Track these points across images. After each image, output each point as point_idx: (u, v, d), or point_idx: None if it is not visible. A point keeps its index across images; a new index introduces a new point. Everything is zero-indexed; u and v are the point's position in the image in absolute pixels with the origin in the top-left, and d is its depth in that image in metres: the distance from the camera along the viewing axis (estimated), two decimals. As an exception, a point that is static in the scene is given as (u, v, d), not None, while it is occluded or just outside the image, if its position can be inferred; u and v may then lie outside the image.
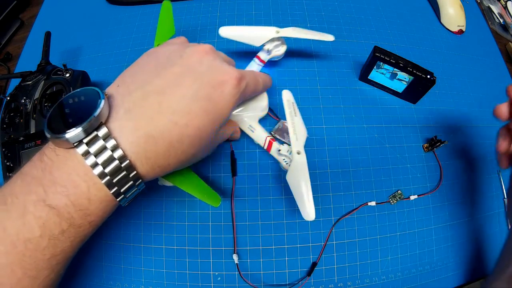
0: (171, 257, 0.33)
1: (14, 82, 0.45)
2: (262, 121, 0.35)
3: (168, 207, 0.34)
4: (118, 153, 0.18)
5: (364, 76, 0.40)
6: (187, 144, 0.21)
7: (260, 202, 0.34)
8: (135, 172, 0.19)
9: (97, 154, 0.17)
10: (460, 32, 0.47)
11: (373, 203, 0.34)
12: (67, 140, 0.17)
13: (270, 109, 0.36)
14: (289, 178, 0.28)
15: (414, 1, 0.50)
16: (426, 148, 0.38)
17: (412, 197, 0.35)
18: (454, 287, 0.34)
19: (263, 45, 0.36)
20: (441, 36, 0.47)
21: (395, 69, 0.36)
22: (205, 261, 0.32)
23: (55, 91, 0.36)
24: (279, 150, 0.31)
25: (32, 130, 0.34)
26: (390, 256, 0.33)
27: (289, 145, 0.30)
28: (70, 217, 0.17)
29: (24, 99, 0.36)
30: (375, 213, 0.34)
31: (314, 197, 0.27)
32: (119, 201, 0.20)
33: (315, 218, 0.33)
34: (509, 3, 0.55)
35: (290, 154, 0.30)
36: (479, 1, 0.54)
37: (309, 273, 0.32)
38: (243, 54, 0.41)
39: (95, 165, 0.17)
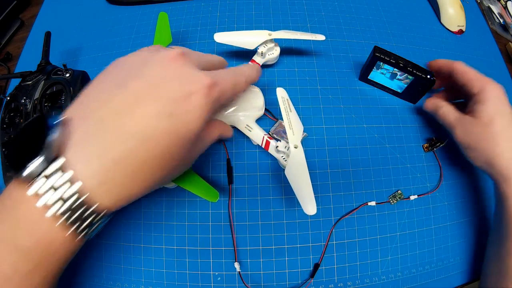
0: (171, 257, 0.33)
1: (14, 82, 0.45)
2: (259, 121, 0.35)
3: (168, 207, 0.34)
4: (76, 186, 0.16)
5: (364, 76, 0.40)
6: (155, 167, 0.19)
7: (260, 202, 0.34)
8: (97, 204, 0.17)
9: (56, 189, 0.16)
10: (460, 32, 0.47)
11: (373, 203, 0.34)
12: (24, 178, 0.16)
13: (266, 109, 0.36)
14: (287, 173, 0.28)
15: (414, 1, 0.50)
16: (426, 148, 0.38)
17: (412, 197, 0.35)
18: (454, 287, 0.34)
19: (257, 48, 0.37)
20: (441, 36, 0.47)
21: (395, 69, 0.36)
22: (205, 261, 0.32)
23: (55, 91, 0.36)
24: (277, 147, 0.31)
25: (32, 130, 0.34)
26: (390, 256, 0.33)
27: (287, 142, 0.30)
28: (35, 257, 0.17)
29: (24, 99, 0.36)
30: (375, 213, 0.34)
31: (314, 197, 0.27)
32: (83, 236, 0.18)
33: (315, 218, 0.34)
34: (509, 3, 0.55)
35: (287, 150, 0.30)
36: (479, 1, 0.54)
37: (312, 275, 0.32)
38: (241, 54, 0.41)
39: (53, 202, 0.16)
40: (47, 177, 0.16)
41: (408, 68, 0.35)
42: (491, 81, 0.31)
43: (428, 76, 0.35)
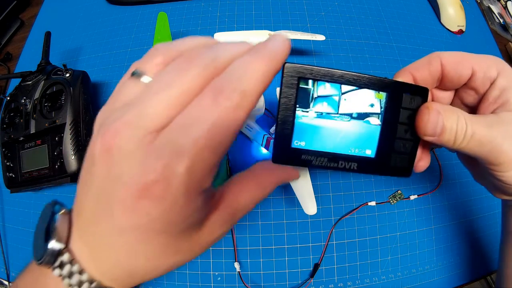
0: (171, 257, 0.33)
1: (14, 82, 0.45)
2: (259, 121, 0.35)
3: (168, 207, 0.34)
4: (85, 276, 0.15)
5: (282, 151, 0.17)
6: (141, 275, 0.16)
7: (260, 202, 0.34)
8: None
9: (69, 277, 0.15)
10: (460, 32, 0.47)
11: (373, 203, 0.34)
12: (41, 264, 0.16)
13: (266, 109, 0.36)
14: None
15: (414, 1, 0.50)
16: (426, 148, 0.37)
17: (412, 197, 0.35)
18: (454, 287, 0.34)
19: None
20: (441, 36, 0.47)
21: (345, 95, 0.17)
22: (205, 261, 0.32)
23: (55, 91, 0.36)
24: None
25: (32, 130, 0.34)
26: (390, 256, 0.33)
27: None
28: None
29: (24, 99, 0.36)
30: (375, 213, 0.34)
31: (314, 197, 0.27)
32: None
33: (315, 218, 0.34)
34: (509, 3, 0.55)
35: None
36: (479, 1, 0.54)
37: (312, 275, 0.32)
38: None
39: (73, 284, 0.15)
40: (60, 266, 0.16)
41: (371, 80, 0.16)
42: (499, 60, 0.19)
43: (414, 84, 0.19)
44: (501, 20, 0.52)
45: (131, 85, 0.14)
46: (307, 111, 0.16)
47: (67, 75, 0.36)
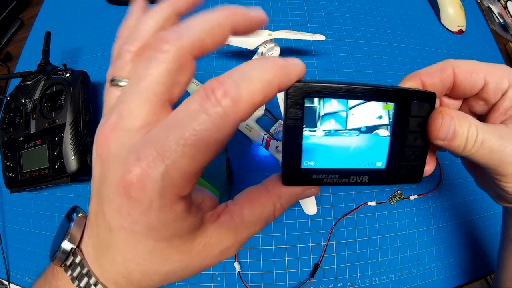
0: (171, 257, 0.33)
1: (14, 82, 0.45)
2: (259, 121, 0.35)
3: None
4: (92, 280, 0.16)
5: (291, 171, 0.16)
6: (136, 280, 0.16)
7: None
8: None
9: (78, 279, 0.16)
10: (460, 32, 0.47)
11: (373, 203, 0.34)
12: (54, 262, 0.17)
13: (266, 109, 0.36)
14: None
15: (414, 1, 0.50)
16: (426, 148, 0.37)
17: (412, 197, 0.35)
18: (454, 287, 0.34)
19: (257, 48, 0.36)
20: (441, 36, 0.47)
21: (353, 109, 0.16)
22: (205, 261, 0.32)
23: (55, 91, 0.36)
24: (277, 147, 0.31)
25: (32, 130, 0.34)
26: (390, 256, 0.33)
27: None
28: None
29: (24, 99, 0.36)
30: (375, 213, 0.34)
31: (314, 198, 0.27)
32: None
33: (315, 218, 0.34)
34: (509, 3, 0.55)
35: None
36: (479, 1, 0.54)
37: (312, 275, 0.32)
38: (241, 54, 0.41)
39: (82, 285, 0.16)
40: (70, 266, 0.17)
41: (379, 89, 0.16)
42: (511, 70, 0.19)
43: (421, 89, 0.19)
44: (501, 20, 0.52)
45: (112, 91, 0.15)
46: (315, 130, 0.16)
47: (67, 75, 0.36)
